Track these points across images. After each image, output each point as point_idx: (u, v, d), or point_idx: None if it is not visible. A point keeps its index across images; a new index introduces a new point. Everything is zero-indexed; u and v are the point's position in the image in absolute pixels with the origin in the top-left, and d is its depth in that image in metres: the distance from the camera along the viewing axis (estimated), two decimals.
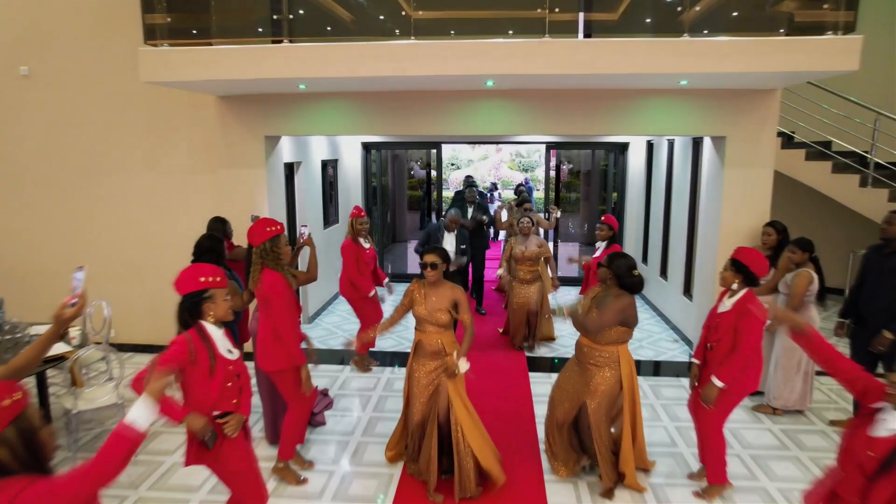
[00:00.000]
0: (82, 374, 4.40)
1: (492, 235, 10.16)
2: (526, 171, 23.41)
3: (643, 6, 4.60)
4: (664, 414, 4.80)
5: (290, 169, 6.85)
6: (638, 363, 6.10)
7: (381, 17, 4.59)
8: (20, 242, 6.18)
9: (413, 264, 10.23)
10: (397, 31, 4.42)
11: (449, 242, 6.05)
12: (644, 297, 8.34)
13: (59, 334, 2.36)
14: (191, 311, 2.65)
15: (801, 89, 6.48)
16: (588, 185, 14.29)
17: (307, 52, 4.34)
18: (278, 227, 3.66)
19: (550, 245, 7.07)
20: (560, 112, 5.30)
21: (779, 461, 4.07)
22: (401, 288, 7.89)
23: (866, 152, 6.61)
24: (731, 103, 5.05)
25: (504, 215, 7.24)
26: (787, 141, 6.73)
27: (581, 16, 4.48)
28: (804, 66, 3.98)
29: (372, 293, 5.55)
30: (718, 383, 3.36)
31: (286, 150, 6.44)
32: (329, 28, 4.64)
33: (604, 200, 12.33)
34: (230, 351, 2.75)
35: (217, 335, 2.68)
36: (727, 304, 3.46)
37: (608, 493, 3.65)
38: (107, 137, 5.94)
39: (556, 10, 4.28)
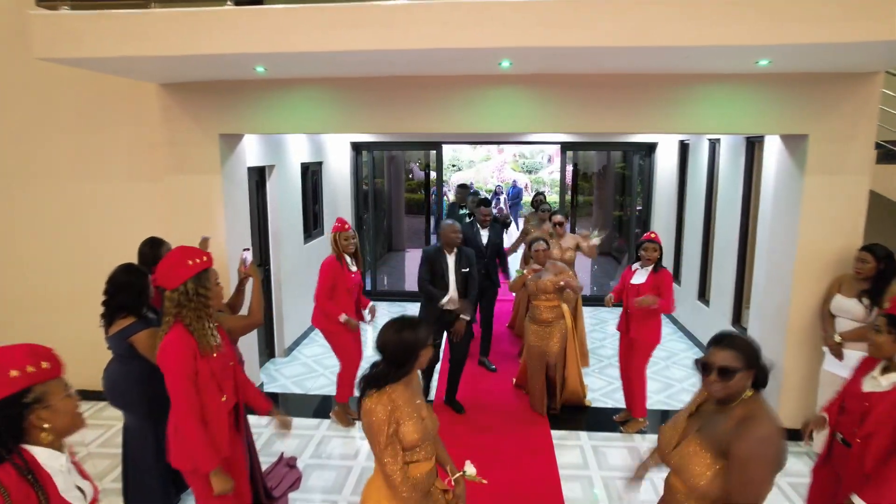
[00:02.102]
0: None
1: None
2: (530, 172, 22.32)
3: None
4: None
5: (260, 174, 5.71)
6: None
7: None
8: None
9: (411, 279, 9.08)
10: None
11: (450, 268, 4.65)
12: (675, 320, 7.20)
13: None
14: (9, 430, 1.51)
15: None
16: (601, 189, 13.17)
17: (260, 17, 3.19)
18: (204, 258, 2.53)
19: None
20: (595, 104, 4.15)
21: None
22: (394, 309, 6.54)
23: None
24: (819, 92, 3.90)
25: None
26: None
27: None
28: None
29: (343, 318, 4.36)
30: None
31: (254, 152, 5.30)
32: None
33: (621, 206, 11.22)
34: (81, 490, 1.62)
35: (55, 467, 1.56)
36: (883, 382, 2.31)
37: None
38: (25, 136, 4.78)
39: None
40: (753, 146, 5.30)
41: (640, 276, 4.31)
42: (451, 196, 14.28)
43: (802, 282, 4.19)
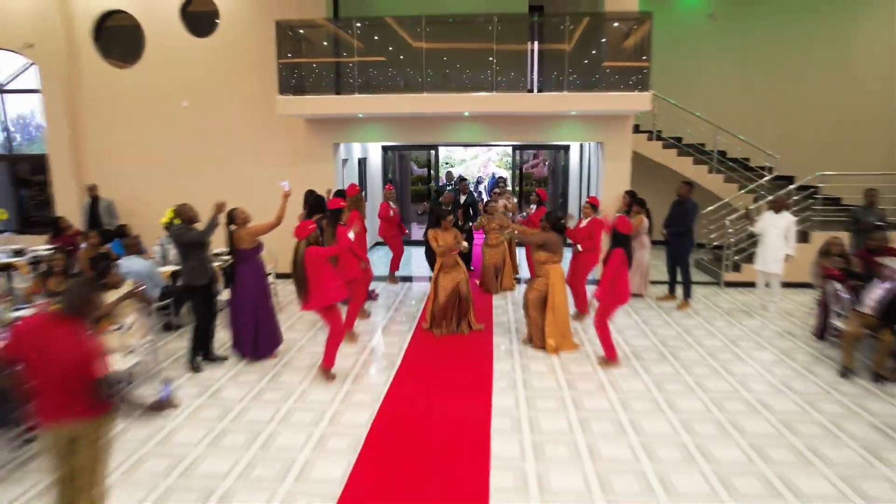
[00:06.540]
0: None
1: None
2: (511, 168, 27.11)
3: (561, 72, 8.27)
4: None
5: (342, 165, 10.55)
6: None
7: (410, 71, 8.33)
8: None
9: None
10: (419, 79, 8.17)
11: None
12: None
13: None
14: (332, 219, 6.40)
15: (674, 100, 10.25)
16: (553, 176, 18.09)
17: (369, 100, 8.08)
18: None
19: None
20: (510, 127, 9.07)
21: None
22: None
23: (701, 144, 10.39)
24: (606, 122, 8.83)
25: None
26: (657, 136, 10.43)
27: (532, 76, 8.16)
28: (618, 107, 7.78)
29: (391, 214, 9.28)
30: None
31: (341, 151, 10.15)
32: (377, 84, 8.36)
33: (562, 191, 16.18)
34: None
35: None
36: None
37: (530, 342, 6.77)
38: (234, 144, 9.66)
39: (511, 74, 8.03)
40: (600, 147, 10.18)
41: (529, 211, 9.16)
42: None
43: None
